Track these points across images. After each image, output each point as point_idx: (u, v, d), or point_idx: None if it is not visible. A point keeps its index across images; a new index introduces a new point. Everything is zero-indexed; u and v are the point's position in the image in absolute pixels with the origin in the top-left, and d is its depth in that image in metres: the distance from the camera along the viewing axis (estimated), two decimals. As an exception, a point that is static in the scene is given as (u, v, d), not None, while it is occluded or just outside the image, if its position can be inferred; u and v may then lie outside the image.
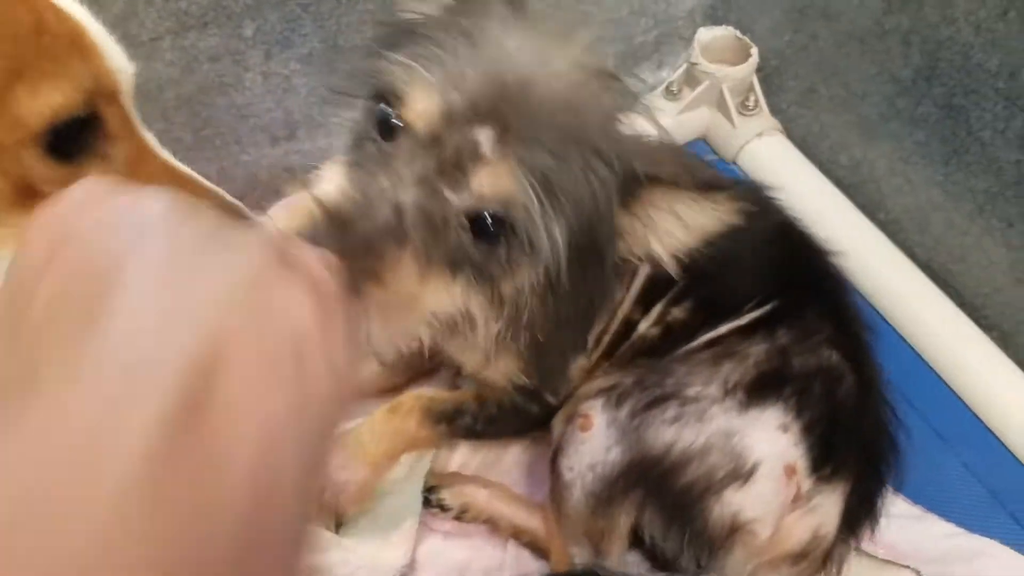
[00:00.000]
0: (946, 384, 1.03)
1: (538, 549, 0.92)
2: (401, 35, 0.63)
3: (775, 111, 1.26)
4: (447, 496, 0.94)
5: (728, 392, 0.82)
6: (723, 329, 0.85)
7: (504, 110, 0.57)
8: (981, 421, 1.00)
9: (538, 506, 0.92)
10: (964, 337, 1.05)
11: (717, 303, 0.87)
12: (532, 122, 0.57)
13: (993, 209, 1.00)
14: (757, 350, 0.84)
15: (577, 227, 0.60)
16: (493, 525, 0.93)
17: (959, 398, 1.02)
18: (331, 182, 0.61)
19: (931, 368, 1.05)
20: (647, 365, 0.86)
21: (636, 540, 0.88)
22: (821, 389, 0.83)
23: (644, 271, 0.87)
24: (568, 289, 0.64)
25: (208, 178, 1.10)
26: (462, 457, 0.97)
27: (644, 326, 0.89)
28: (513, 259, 0.61)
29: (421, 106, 0.57)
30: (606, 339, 0.90)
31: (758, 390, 0.82)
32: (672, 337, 0.89)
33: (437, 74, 0.57)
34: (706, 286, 0.86)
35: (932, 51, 1.00)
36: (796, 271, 0.90)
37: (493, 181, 0.57)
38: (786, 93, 1.25)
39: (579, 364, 0.88)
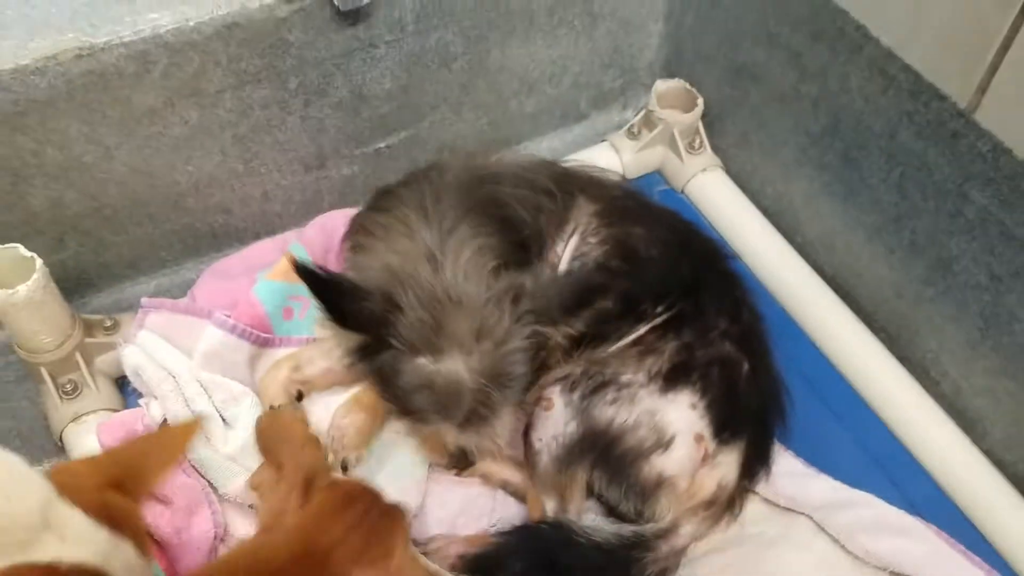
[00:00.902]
0: (841, 373, 1.28)
1: (521, 497, 1.14)
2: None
3: (716, 151, 1.50)
4: (449, 455, 1.17)
5: (651, 378, 1.06)
6: (642, 330, 1.09)
7: (473, 416, 0.98)
8: (867, 403, 1.25)
9: (520, 464, 1.14)
10: (858, 337, 1.29)
11: (634, 298, 1.10)
12: (487, 412, 0.98)
13: (879, 239, 1.25)
14: (670, 347, 1.08)
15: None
16: (485, 479, 1.16)
17: (851, 385, 1.27)
18: None
19: (830, 362, 1.29)
20: (589, 359, 1.09)
21: (590, 492, 1.11)
22: (719, 373, 1.08)
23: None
24: None
25: (254, 198, 1.34)
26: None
27: None
28: None
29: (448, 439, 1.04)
30: None
31: (672, 378, 1.06)
32: (601, 324, 1.09)
33: (441, 421, 0.99)
34: (624, 282, 1.09)
35: (834, 114, 1.25)
36: (697, 273, 1.14)
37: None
38: (725, 137, 1.49)
39: None
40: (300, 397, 1.18)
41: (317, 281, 0.94)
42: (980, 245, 1.10)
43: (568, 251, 1.12)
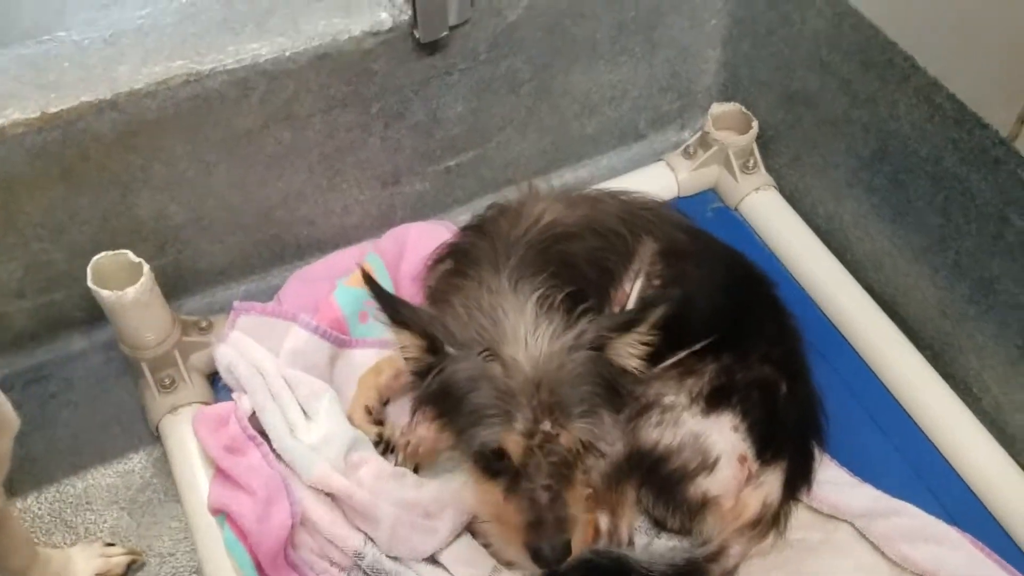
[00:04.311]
0: (886, 388, 1.33)
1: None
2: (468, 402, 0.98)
3: (770, 171, 1.56)
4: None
5: (693, 400, 1.12)
6: (681, 354, 1.14)
7: (548, 410, 0.95)
8: (910, 417, 1.30)
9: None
10: (904, 354, 1.34)
11: (681, 333, 1.12)
12: (559, 402, 0.95)
13: (925, 259, 1.30)
14: (709, 368, 1.13)
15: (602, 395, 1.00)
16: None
17: (896, 399, 1.32)
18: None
19: (877, 377, 1.34)
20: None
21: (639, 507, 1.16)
22: (759, 395, 1.13)
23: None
24: None
25: (335, 211, 1.44)
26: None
27: None
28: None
29: (513, 448, 0.96)
30: None
31: (714, 400, 1.12)
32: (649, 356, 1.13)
33: (507, 422, 0.95)
34: (672, 320, 1.10)
35: (883, 139, 1.31)
36: (741, 303, 1.19)
37: (566, 440, 0.96)
38: (778, 158, 1.55)
39: None
40: (386, 403, 1.28)
41: (381, 290, 0.99)
42: (1021, 266, 1.15)
43: (635, 292, 1.16)
